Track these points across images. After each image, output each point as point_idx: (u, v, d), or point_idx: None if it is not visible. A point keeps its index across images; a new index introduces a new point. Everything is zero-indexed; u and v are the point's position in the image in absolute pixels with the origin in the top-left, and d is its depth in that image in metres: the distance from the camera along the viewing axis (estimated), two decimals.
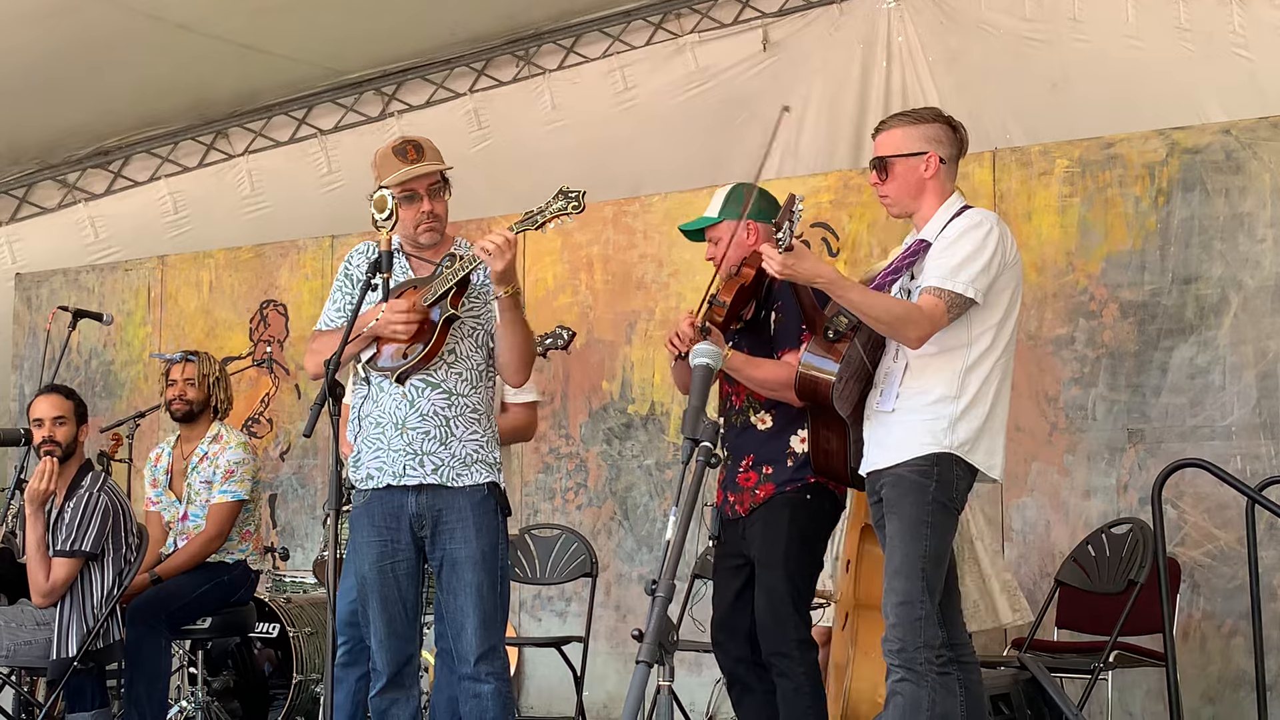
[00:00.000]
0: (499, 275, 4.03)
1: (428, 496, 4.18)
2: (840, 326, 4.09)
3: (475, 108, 9.51)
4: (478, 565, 4.15)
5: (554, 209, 3.99)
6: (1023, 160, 6.63)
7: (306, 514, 8.40)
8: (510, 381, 4.40)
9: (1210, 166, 6.22)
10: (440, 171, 4.27)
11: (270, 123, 9.71)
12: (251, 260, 8.82)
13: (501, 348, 4.24)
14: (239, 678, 6.84)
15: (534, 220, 4.00)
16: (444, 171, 4.28)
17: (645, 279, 7.53)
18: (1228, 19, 7.56)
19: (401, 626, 4.22)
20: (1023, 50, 8.31)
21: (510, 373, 4.30)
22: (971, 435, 3.99)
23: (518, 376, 4.33)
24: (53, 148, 9.60)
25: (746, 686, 4.58)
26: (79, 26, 7.63)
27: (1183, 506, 6.08)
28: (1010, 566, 5.94)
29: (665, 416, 7.39)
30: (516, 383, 4.42)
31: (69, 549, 5.44)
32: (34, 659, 5.49)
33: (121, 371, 9.14)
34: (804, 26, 9.11)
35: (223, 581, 6.02)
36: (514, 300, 4.11)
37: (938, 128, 4.12)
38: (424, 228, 4.26)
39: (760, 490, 4.48)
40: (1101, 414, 6.34)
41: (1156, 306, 6.27)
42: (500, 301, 4.11)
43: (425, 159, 4.23)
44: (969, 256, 3.96)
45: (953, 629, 4.08)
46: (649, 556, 7.34)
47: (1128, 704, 6.13)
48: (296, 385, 8.54)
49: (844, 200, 7.07)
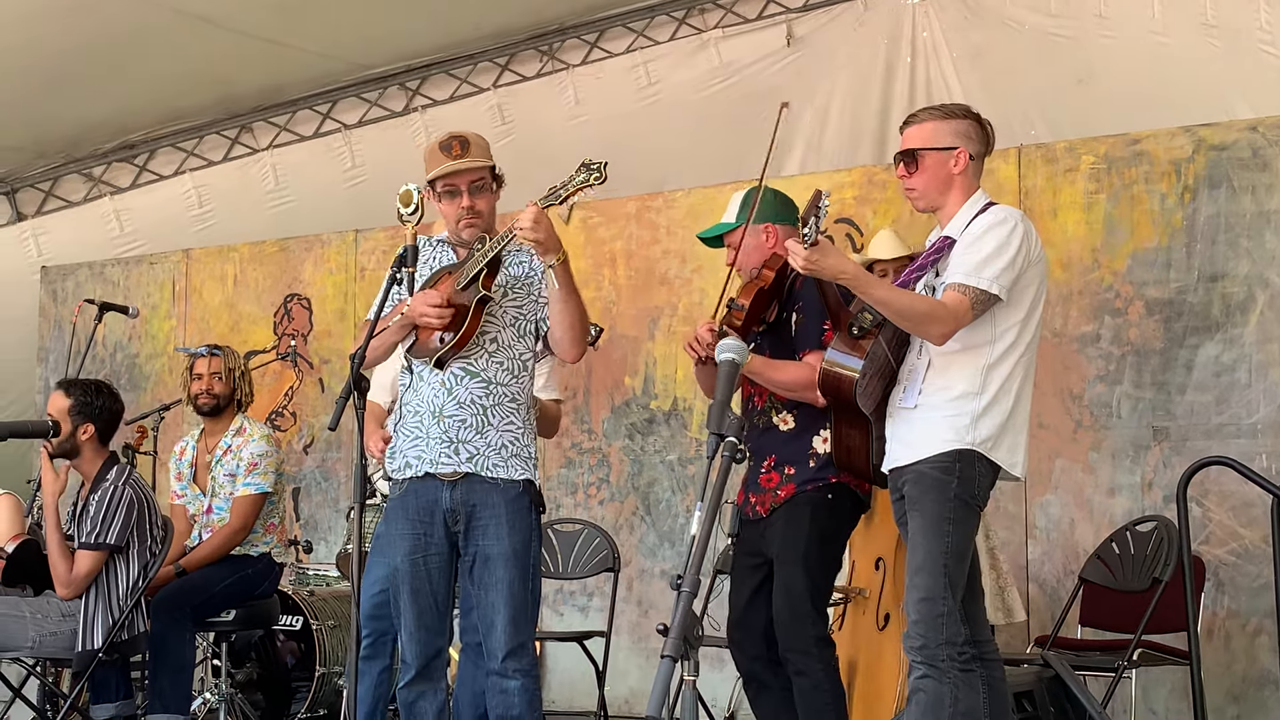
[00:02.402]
0: (541, 246, 4.05)
1: (462, 491, 4.19)
2: (865, 323, 4.09)
3: (499, 103, 9.52)
4: (509, 562, 4.16)
5: (577, 181, 4.01)
6: (1048, 157, 6.61)
7: (330, 507, 8.42)
8: (566, 356, 4.38)
9: (1236, 163, 6.19)
10: (487, 168, 4.27)
11: (295, 117, 9.73)
12: (276, 254, 8.84)
13: (556, 321, 4.25)
14: (262, 670, 6.86)
15: (558, 195, 4.02)
16: (493, 168, 4.29)
17: (668, 274, 7.52)
18: (1255, 15, 7.52)
19: (431, 619, 4.23)
20: (1048, 46, 8.27)
21: (566, 345, 4.30)
22: (994, 432, 3.98)
23: (575, 349, 4.32)
24: (78, 141, 9.64)
25: (763, 684, 4.58)
26: (104, 20, 7.66)
27: (1207, 504, 6.06)
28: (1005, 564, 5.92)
29: (688, 412, 7.39)
30: (572, 357, 4.39)
31: (93, 541, 5.46)
32: (59, 650, 5.51)
33: (146, 365, 9.17)
34: (828, 22, 9.09)
35: (247, 574, 6.04)
36: (564, 267, 4.13)
37: (968, 124, 4.12)
38: (465, 223, 4.27)
39: (782, 491, 4.48)
40: (1126, 411, 6.31)
41: (1182, 304, 6.24)
42: (553, 272, 4.12)
43: (470, 155, 4.24)
44: (994, 253, 3.95)
45: (975, 626, 4.07)
46: (671, 552, 7.33)
47: (1151, 702, 6.11)
48: (320, 379, 8.57)
49: (868, 196, 7.05)
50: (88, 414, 5.61)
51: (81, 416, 5.60)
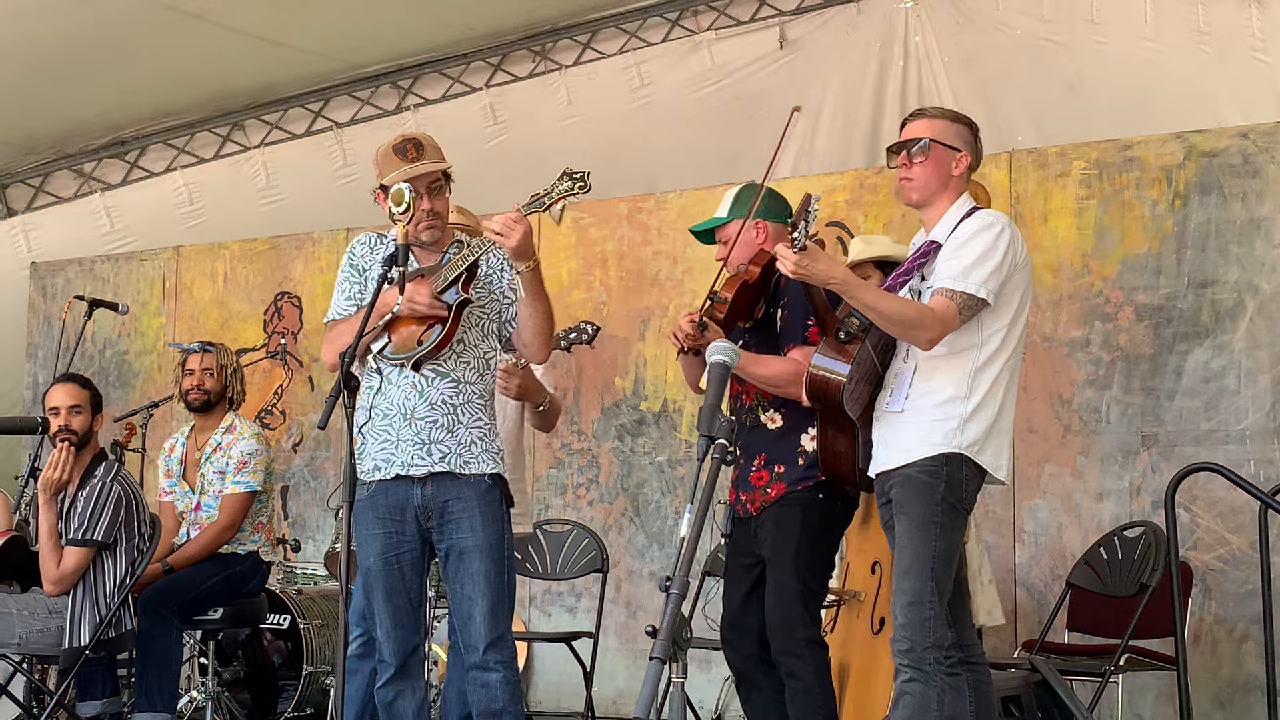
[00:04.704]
0: (515, 251, 4.07)
1: (434, 488, 4.20)
2: (852, 328, 4.11)
3: (491, 103, 9.51)
4: (484, 554, 4.18)
5: (559, 190, 4.02)
6: (1039, 162, 6.62)
7: (318, 506, 8.42)
8: (535, 358, 4.44)
9: (1227, 170, 6.20)
10: (441, 170, 4.28)
11: (286, 115, 9.72)
12: (266, 252, 8.84)
13: (526, 325, 4.27)
14: (249, 669, 6.86)
15: (540, 203, 4.04)
16: (446, 169, 4.30)
17: (659, 276, 7.53)
18: (1246, 22, 7.53)
19: (407, 617, 4.24)
20: (1040, 51, 8.28)
21: (535, 349, 4.34)
22: (980, 436, 3.99)
23: (542, 352, 4.37)
24: (69, 137, 9.63)
25: (755, 685, 4.58)
26: (97, 17, 7.65)
27: (1195, 510, 6.07)
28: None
29: (678, 413, 7.40)
30: (541, 359, 4.45)
31: (81, 538, 5.45)
32: (46, 647, 5.51)
33: (135, 361, 9.16)
34: (821, 25, 9.09)
35: (235, 572, 6.03)
36: (535, 274, 4.15)
37: (971, 134, 4.16)
38: (424, 225, 4.27)
39: (772, 489, 4.48)
40: (1115, 417, 6.33)
41: (1172, 310, 6.25)
42: (522, 277, 4.15)
43: (425, 157, 4.24)
44: (981, 257, 3.96)
45: (962, 630, 4.08)
46: (660, 553, 7.34)
47: (1138, 707, 6.12)
48: (310, 377, 8.56)
49: (859, 199, 7.06)
50: (98, 406, 5.71)
51: (96, 407, 5.69)
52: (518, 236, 4.02)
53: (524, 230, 4.03)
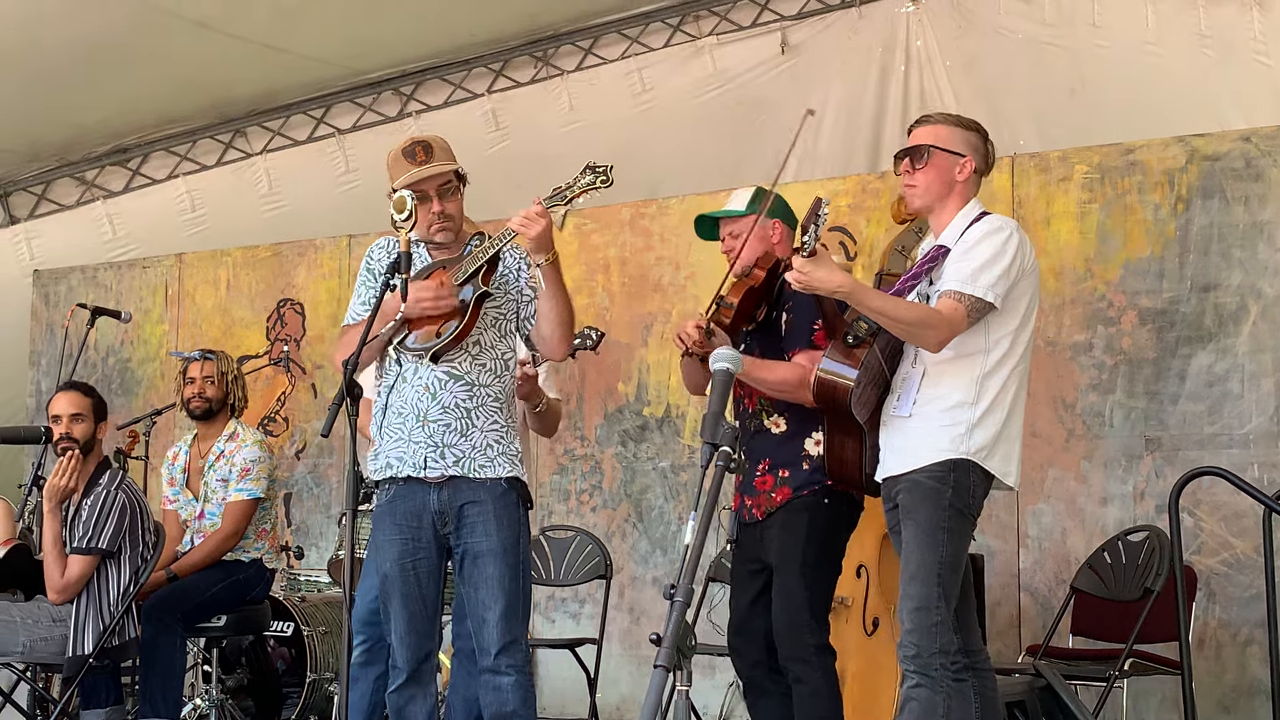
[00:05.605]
0: (535, 244, 4.07)
1: (449, 492, 4.19)
2: (860, 332, 4.10)
3: (493, 108, 9.52)
4: (499, 558, 4.16)
5: (582, 184, 4.04)
6: (1041, 166, 6.62)
7: (321, 513, 8.41)
8: (554, 354, 4.42)
9: (1230, 174, 6.20)
10: (452, 171, 4.28)
11: (289, 122, 9.72)
12: (269, 259, 8.84)
13: (545, 318, 4.26)
14: (253, 676, 6.85)
15: (563, 195, 4.06)
16: (457, 170, 4.30)
17: (662, 281, 7.53)
18: (1249, 26, 7.53)
19: (422, 623, 4.23)
20: (1042, 55, 8.29)
21: (554, 343, 4.32)
22: (988, 441, 3.99)
23: (562, 347, 4.35)
24: (71, 145, 9.62)
25: (763, 691, 4.57)
26: (99, 24, 7.65)
27: (1199, 514, 6.06)
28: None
29: (681, 419, 7.39)
30: (560, 355, 4.43)
31: (85, 546, 5.45)
32: (50, 655, 5.50)
33: (138, 369, 9.16)
34: (823, 30, 9.10)
35: (238, 580, 6.04)
36: (554, 267, 4.16)
37: (978, 138, 4.16)
38: (436, 228, 4.27)
39: (777, 494, 4.48)
40: (1119, 421, 6.32)
41: (1175, 314, 6.25)
42: (541, 270, 4.15)
43: (435, 159, 4.23)
44: (988, 261, 3.96)
45: (968, 636, 4.07)
46: (663, 559, 7.33)
47: (1143, 712, 6.11)
48: (313, 384, 8.56)
49: (862, 204, 7.06)
50: (102, 414, 5.70)
51: (99, 415, 5.68)
52: (539, 229, 4.03)
53: (545, 223, 4.04)
